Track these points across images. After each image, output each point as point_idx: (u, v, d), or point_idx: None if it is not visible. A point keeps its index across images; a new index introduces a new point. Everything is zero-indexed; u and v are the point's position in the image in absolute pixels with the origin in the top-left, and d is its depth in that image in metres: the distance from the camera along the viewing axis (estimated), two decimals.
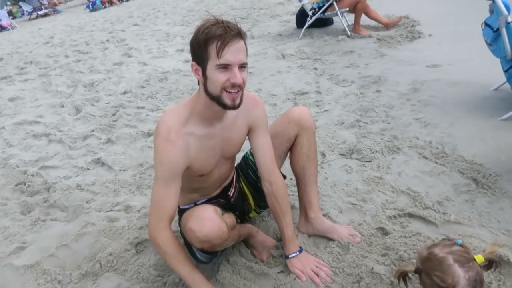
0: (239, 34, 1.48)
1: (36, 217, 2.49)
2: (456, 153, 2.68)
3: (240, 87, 1.53)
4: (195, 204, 1.93)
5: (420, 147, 2.79)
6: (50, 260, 2.13)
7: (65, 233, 2.31)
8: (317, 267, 1.81)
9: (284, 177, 2.07)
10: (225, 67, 1.48)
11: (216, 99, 1.55)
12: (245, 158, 2.16)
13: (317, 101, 3.73)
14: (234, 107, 1.57)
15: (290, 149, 2.07)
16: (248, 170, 2.11)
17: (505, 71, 3.15)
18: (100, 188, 2.74)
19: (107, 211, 2.50)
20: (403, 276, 1.33)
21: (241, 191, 2.10)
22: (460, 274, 1.15)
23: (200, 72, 1.55)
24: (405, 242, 1.90)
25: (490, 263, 1.25)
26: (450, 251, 1.21)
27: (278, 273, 1.87)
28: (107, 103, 4.21)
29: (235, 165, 2.11)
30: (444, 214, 2.15)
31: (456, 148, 2.74)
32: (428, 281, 1.22)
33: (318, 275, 1.78)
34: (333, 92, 3.91)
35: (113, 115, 3.88)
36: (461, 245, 1.25)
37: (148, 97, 4.37)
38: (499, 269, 1.66)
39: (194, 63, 1.55)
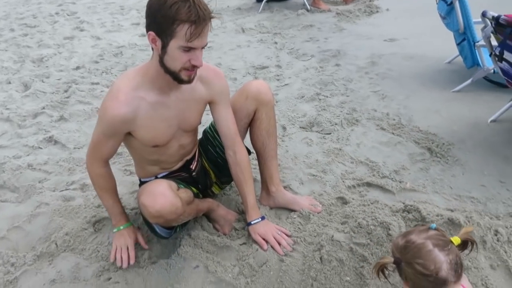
0: (209, 18, 1.45)
1: None
2: (412, 124, 2.76)
3: (194, 69, 1.54)
4: (156, 178, 1.89)
5: (378, 118, 2.86)
6: (1, 242, 2.02)
7: (17, 215, 2.19)
8: (278, 234, 1.82)
9: (249, 152, 2.06)
10: (189, 49, 1.46)
11: (172, 74, 1.53)
12: (205, 132, 2.12)
13: (278, 75, 3.71)
14: (189, 81, 1.57)
15: (249, 125, 2.04)
16: (208, 145, 2.07)
17: (458, 44, 3.26)
18: (54, 167, 2.61)
19: (62, 191, 2.39)
20: (381, 269, 1.23)
21: (203, 167, 2.07)
22: (442, 259, 1.12)
23: (158, 44, 1.49)
24: (363, 210, 1.94)
25: (465, 244, 1.24)
26: (427, 236, 1.18)
27: (241, 245, 1.88)
28: (58, 79, 3.98)
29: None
30: (400, 182, 2.23)
31: (412, 119, 2.82)
32: (410, 270, 1.15)
33: (279, 243, 1.80)
34: (293, 66, 3.90)
35: (65, 91, 3.67)
36: (436, 229, 1.22)
37: (102, 72, 4.18)
38: (476, 250, 1.74)
39: (152, 33, 1.47)
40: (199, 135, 2.09)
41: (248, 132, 2.07)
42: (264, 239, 1.81)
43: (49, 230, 2.07)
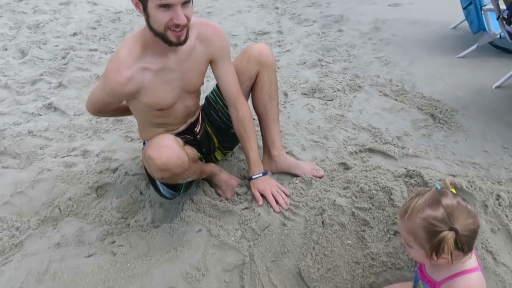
0: None
1: None
2: (415, 90, 2.73)
3: (184, 26, 1.49)
4: None
5: (381, 85, 2.82)
6: (5, 208, 2.03)
7: (20, 180, 2.20)
8: (277, 191, 1.84)
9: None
10: (166, 6, 1.42)
11: (161, 36, 1.51)
12: (207, 98, 2.10)
13: (279, 41, 3.64)
14: (180, 43, 1.54)
15: (251, 88, 2.02)
16: (210, 110, 2.06)
17: (464, 8, 3.18)
18: (54, 133, 2.60)
19: (63, 157, 2.39)
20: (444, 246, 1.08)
21: (206, 132, 2.06)
22: (473, 209, 1.12)
23: (141, 7, 1.48)
24: (365, 175, 1.94)
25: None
26: (452, 196, 1.13)
27: (243, 209, 1.88)
28: (55, 46, 3.91)
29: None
30: (402, 148, 2.22)
31: (415, 85, 2.79)
32: (466, 234, 1.08)
33: (277, 201, 1.82)
34: (295, 32, 3.82)
35: (63, 58, 3.62)
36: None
37: (100, 38, 4.10)
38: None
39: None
40: (201, 102, 2.07)
41: (250, 97, 2.05)
42: (262, 194, 1.82)
43: (52, 195, 2.08)
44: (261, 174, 1.88)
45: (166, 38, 1.51)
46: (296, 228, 1.76)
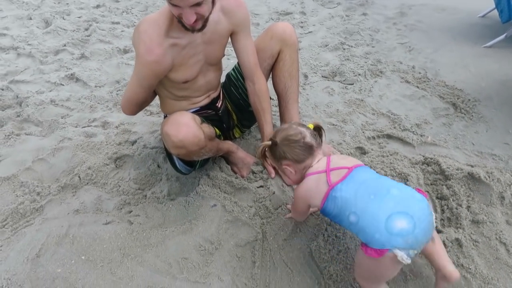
0: None
1: (9, 131, 2.40)
2: (438, 79, 2.68)
3: (195, 22, 1.48)
4: None
5: (403, 71, 2.78)
6: (27, 173, 2.09)
7: (41, 148, 2.25)
8: None
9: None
10: (176, 5, 1.41)
11: (178, 20, 1.51)
12: (228, 75, 2.10)
13: (302, 22, 3.60)
14: (194, 31, 1.54)
15: (272, 67, 2.02)
16: (231, 87, 2.06)
17: None
18: (76, 104, 2.65)
19: (84, 127, 2.44)
20: (263, 152, 1.55)
21: (227, 108, 2.08)
22: (304, 130, 1.47)
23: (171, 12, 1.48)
24: (382, 161, 1.94)
25: (318, 129, 1.55)
26: (291, 124, 1.52)
27: (258, 187, 1.91)
28: (78, 17, 3.94)
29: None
30: (421, 136, 2.20)
31: (439, 73, 2.74)
32: (285, 143, 1.46)
33: None
34: (318, 14, 3.76)
35: (86, 29, 3.65)
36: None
37: (123, 12, 4.11)
38: (470, 185, 1.74)
39: None
40: (222, 79, 2.08)
41: (270, 77, 2.05)
42: (274, 168, 1.83)
43: (72, 163, 2.13)
44: None
45: (182, 24, 1.51)
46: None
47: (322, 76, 2.81)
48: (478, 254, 1.56)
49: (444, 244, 1.57)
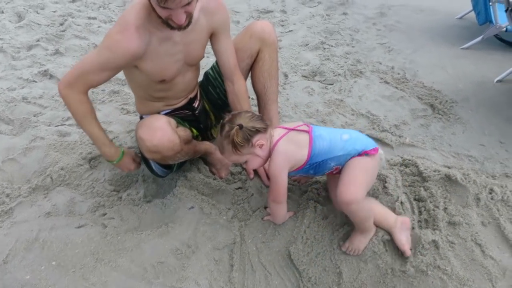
0: None
1: None
2: (417, 79, 2.70)
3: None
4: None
5: (382, 71, 2.79)
6: None
7: (12, 147, 2.17)
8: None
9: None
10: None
11: (162, 20, 1.46)
12: (206, 74, 2.06)
13: (282, 21, 3.58)
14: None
15: (251, 66, 1.99)
16: (208, 86, 2.02)
17: None
18: (49, 101, 2.56)
19: (57, 126, 2.36)
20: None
21: (204, 107, 2.04)
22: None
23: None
24: None
25: None
26: (235, 111, 1.56)
27: (236, 189, 1.88)
28: (53, 11, 3.82)
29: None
30: (400, 137, 2.21)
31: (417, 74, 2.76)
32: (250, 124, 1.47)
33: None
34: (299, 12, 3.75)
35: (61, 24, 3.53)
36: None
37: (100, 7, 4.00)
38: (447, 187, 1.75)
39: None
40: (200, 77, 2.04)
41: (250, 77, 2.02)
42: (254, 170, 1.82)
43: (44, 164, 2.06)
44: None
45: (167, 24, 1.46)
46: (288, 211, 1.76)
47: (302, 76, 2.79)
48: (455, 256, 1.57)
49: (422, 246, 1.58)
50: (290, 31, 3.40)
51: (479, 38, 2.97)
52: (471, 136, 2.22)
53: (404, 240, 1.56)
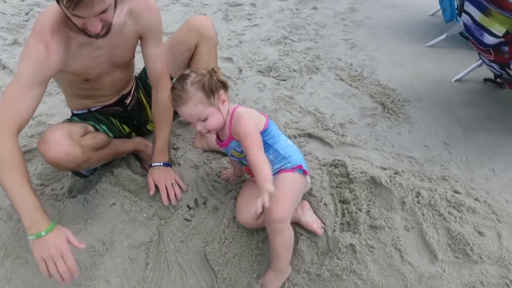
0: None
1: None
2: (373, 77, 2.64)
3: (101, 29, 1.37)
4: (89, 111, 1.84)
5: (340, 68, 2.73)
6: None
7: None
8: (171, 185, 1.75)
9: None
10: (80, 16, 1.28)
11: (79, 28, 1.38)
12: (144, 68, 2.02)
13: (250, 14, 3.51)
14: (98, 37, 1.41)
15: (190, 60, 1.95)
16: (146, 79, 1.98)
17: None
18: None
19: None
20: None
21: (139, 101, 2.00)
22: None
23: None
24: None
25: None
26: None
27: None
28: (22, 1, 3.78)
29: (136, 74, 2.02)
30: (342, 136, 2.15)
31: (375, 71, 2.70)
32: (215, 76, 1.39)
33: (173, 192, 1.74)
34: (268, 6, 3.69)
35: (26, 14, 3.50)
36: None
37: None
38: (372, 190, 1.70)
39: None
40: (139, 70, 2.01)
41: None
42: (156, 185, 1.74)
43: None
44: (161, 164, 1.78)
45: (84, 32, 1.38)
46: (209, 210, 1.72)
47: (258, 71, 2.74)
48: (372, 260, 1.53)
49: (339, 250, 1.53)
50: (255, 25, 3.34)
51: (443, 36, 2.89)
52: (417, 136, 2.16)
53: (310, 221, 1.58)
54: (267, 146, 1.47)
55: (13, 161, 1.29)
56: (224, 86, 1.40)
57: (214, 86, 1.35)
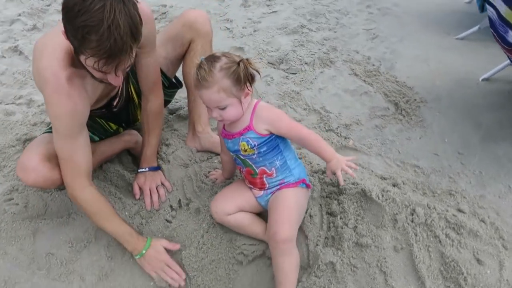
0: (129, 49, 1.16)
1: None
2: (390, 73, 2.45)
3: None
4: None
5: (356, 62, 2.55)
6: None
7: None
8: (156, 188, 1.72)
9: (180, 84, 2.00)
10: (103, 72, 1.22)
11: (94, 77, 1.30)
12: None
13: (269, 0, 3.35)
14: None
15: (183, 56, 1.88)
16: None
17: None
18: (8, 78, 2.57)
19: (8, 104, 2.36)
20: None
21: (129, 97, 1.94)
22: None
23: (71, 46, 1.22)
24: None
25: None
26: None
27: None
28: None
29: None
30: (345, 138, 2.01)
31: (394, 66, 2.50)
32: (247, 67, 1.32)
33: (156, 195, 1.72)
34: None
35: None
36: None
37: None
38: (362, 203, 1.57)
39: (64, 30, 1.19)
40: None
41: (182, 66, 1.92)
42: (141, 188, 1.73)
43: None
44: (147, 169, 1.76)
45: (100, 81, 1.32)
46: (191, 212, 1.67)
47: (268, 63, 2.61)
48: (353, 281, 1.42)
49: (318, 267, 1.44)
50: (273, 12, 3.18)
51: (475, 28, 2.61)
52: (428, 143, 1.97)
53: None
54: (278, 151, 1.44)
55: (98, 208, 1.51)
56: (253, 79, 1.34)
57: (243, 78, 1.29)
